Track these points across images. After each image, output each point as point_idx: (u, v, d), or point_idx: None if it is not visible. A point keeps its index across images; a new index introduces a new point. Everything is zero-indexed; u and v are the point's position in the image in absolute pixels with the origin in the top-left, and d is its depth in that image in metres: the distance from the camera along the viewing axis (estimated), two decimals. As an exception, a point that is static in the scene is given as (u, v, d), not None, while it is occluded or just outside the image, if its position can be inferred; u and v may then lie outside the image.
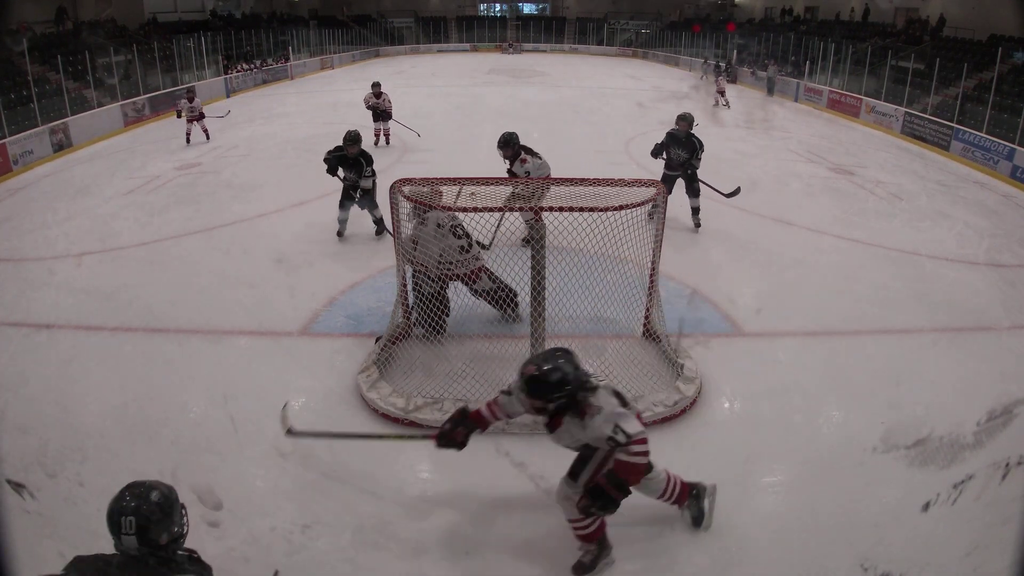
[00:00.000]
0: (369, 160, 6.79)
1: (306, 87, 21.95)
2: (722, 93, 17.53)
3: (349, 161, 6.76)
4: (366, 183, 6.73)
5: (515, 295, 4.68)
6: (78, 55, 14.44)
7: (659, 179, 6.21)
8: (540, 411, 2.80)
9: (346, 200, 6.88)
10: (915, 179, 10.70)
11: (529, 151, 6.37)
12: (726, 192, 7.25)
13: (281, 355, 4.92)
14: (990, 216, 8.84)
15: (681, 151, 7.06)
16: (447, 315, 4.75)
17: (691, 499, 3.28)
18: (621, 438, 2.65)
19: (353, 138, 6.73)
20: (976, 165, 11.88)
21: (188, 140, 12.22)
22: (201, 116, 12.33)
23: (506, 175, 6.20)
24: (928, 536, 3.26)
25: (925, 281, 6.37)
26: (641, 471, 2.79)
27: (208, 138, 12.44)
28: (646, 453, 2.73)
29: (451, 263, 4.63)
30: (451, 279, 4.78)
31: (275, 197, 8.74)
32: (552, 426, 2.86)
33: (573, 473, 2.98)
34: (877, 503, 3.48)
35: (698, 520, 3.28)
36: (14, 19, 14.95)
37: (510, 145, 6.35)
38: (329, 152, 6.87)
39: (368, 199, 6.87)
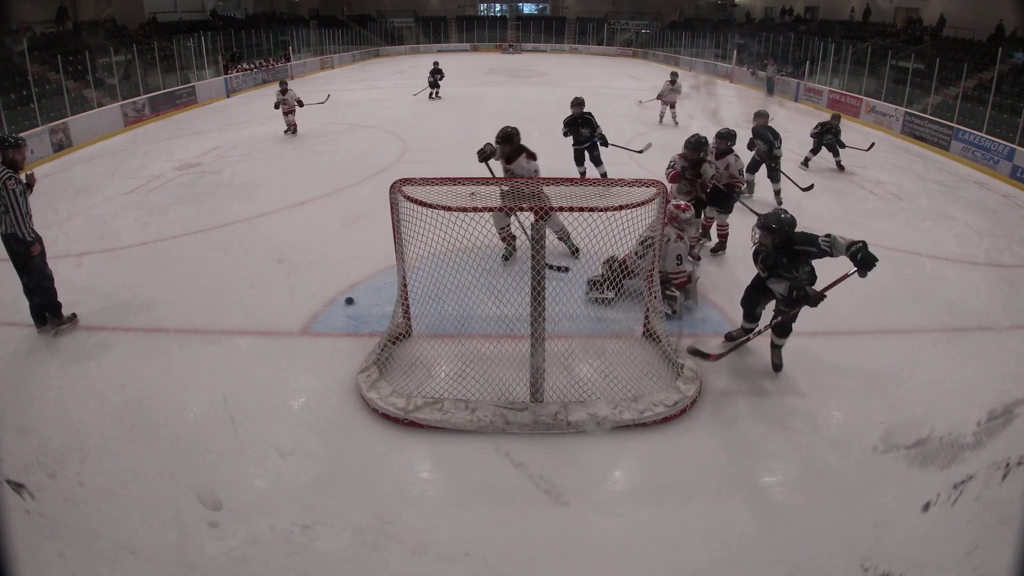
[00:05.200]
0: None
1: (306, 87, 21.94)
2: (671, 105, 14.15)
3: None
4: None
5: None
6: (78, 55, 14.43)
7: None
8: None
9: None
10: (915, 179, 10.70)
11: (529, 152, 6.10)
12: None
13: (281, 355, 4.92)
14: (990, 216, 8.84)
15: (762, 143, 8.33)
16: None
17: None
18: None
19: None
20: (976, 165, 11.87)
21: (294, 131, 12.45)
22: (300, 104, 12.49)
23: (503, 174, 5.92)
24: (928, 536, 3.26)
25: (925, 281, 6.36)
26: None
27: (294, 132, 12.62)
28: None
29: None
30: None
31: (275, 197, 8.74)
32: None
33: None
34: (877, 503, 3.49)
35: None
36: (14, 19, 14.95)
37: (511, 141, 5.83)
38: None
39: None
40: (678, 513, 3.45)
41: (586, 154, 8.76)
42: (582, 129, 8.54)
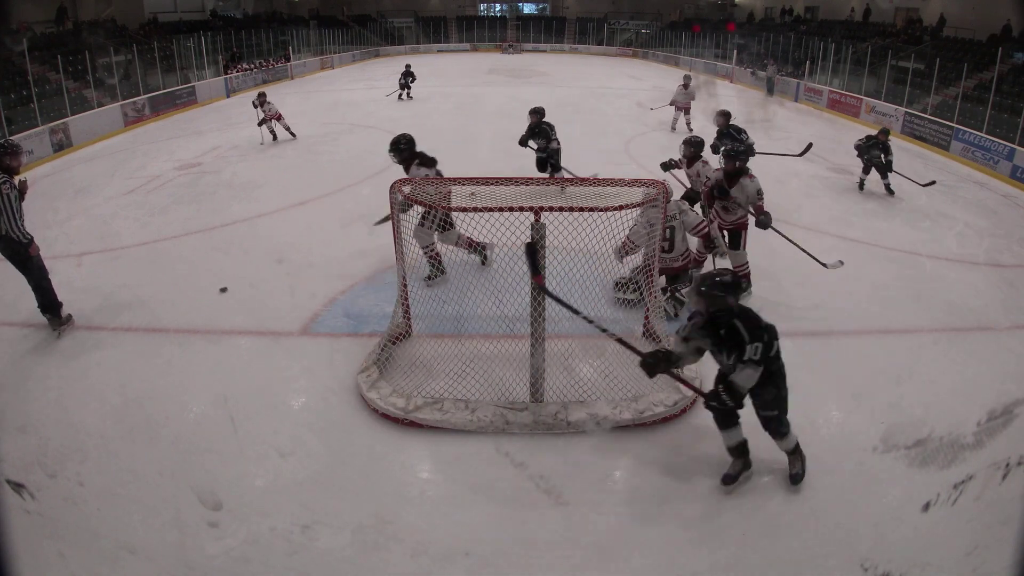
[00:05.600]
0: None
1: (306, 87, 21.94)
2: (686, 111, 13.29)
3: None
4: None
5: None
6: (78, 55, 14.43)
7: (660, 175, 6.25)
8: None
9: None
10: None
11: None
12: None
13: (281, 355, 4.92)
14: (990, 216, 8.84)
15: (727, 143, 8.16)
16: None
17: None
18: None
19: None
20: (976, 165, 11.87)
21: (274, 137, 12.30)
22: (278, 117, 12.28)
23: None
24: (928, 536, 3.26)
25: (925, 281, 6.36)
26: None
27: (293, 135, 12.46)
28: None
29: None
30: None
31: (275, 197, 8.75)
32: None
33: None
34: (877, 503, 3.49)
35: None
36: (14, 19, 14.95)
37: (396, 149, 5.65)
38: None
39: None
40: (678, 513, 3.45)
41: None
42: (537, 139, 8.38)
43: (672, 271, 5.56)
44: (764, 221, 5.72)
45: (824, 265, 5.97)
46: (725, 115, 8.28)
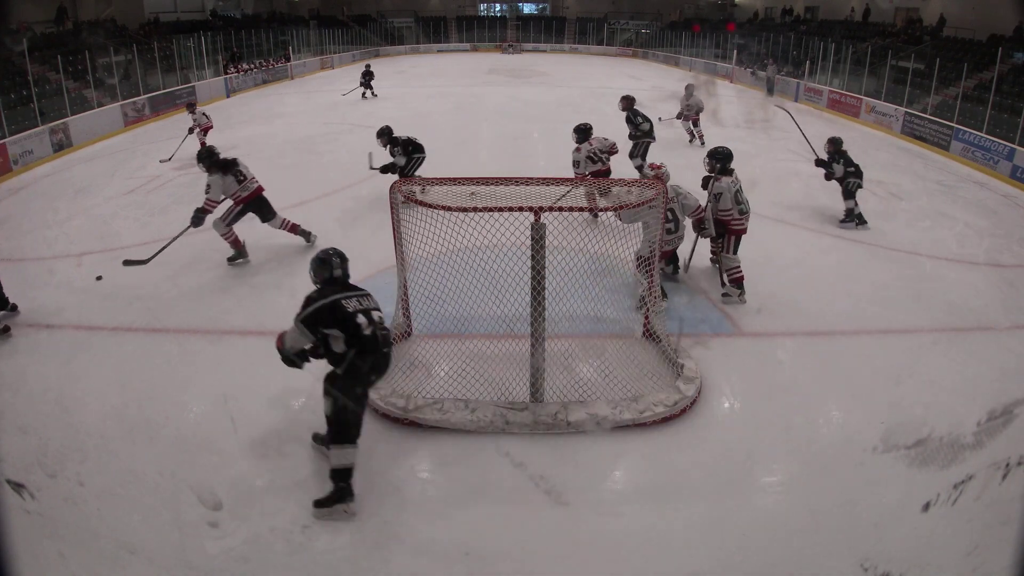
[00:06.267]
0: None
1: (306, 87, 21.95)
2: (695, 122, 12.27)
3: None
4: None
5: None
6: (78, 55, 14.43)
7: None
8: None
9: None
10: (915, 179, 10.69)
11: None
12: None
13: (281, 355, 4.91)
14: (990, 216, 8.84)
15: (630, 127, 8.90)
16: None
17: None
18: None
19: None
20: (976, 165, 11.87)
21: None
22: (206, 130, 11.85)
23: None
24: (928, 536, 3.26)
25: (925, 281, 6.36)
26: None
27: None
28: None
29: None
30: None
31: (275, 197, 8.71)
32: None
33: None
34: (877, 503, 3.48)
35: None
36: (14, 19, 14.95)
37: (200, 159, 6.30)
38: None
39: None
40: (678, 513, 3.45)
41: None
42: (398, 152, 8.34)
43: (670, 253, 5.89)
44: (702, 229, 5.85)
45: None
46: (628, 100, 8.91)
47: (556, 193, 4.31)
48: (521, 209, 3.82)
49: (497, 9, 39.50)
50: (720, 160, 5.70)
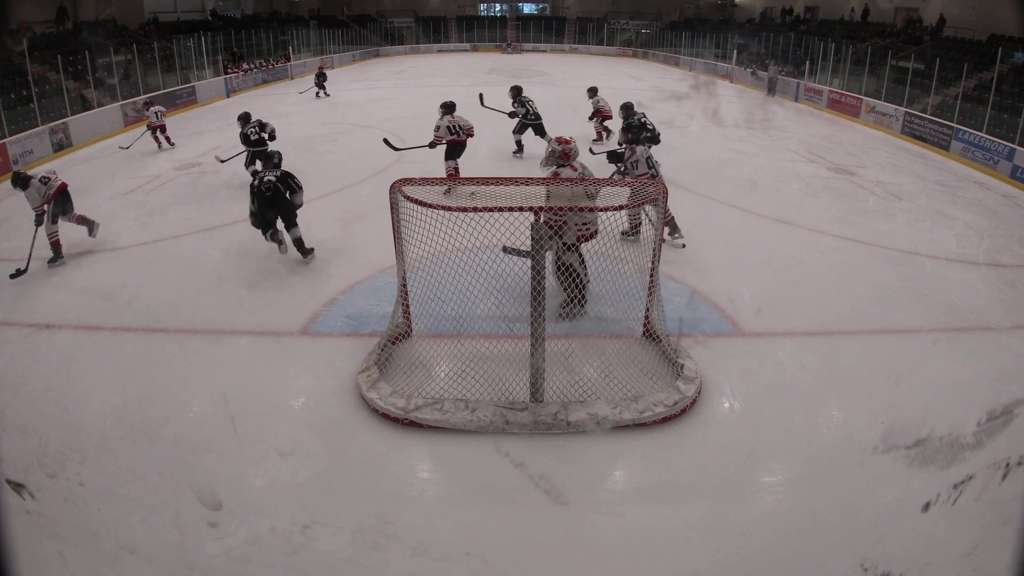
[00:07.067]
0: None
1: (306, 87, 21.94)
2: (604, 122, 11.55)
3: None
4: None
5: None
6: (78, 55, 14.43)
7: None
8: None
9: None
10: (915, 179, 10.69)
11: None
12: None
13: (281, 355, 4.92)
14: (990, 216, 8.84)
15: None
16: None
17: None
18: None
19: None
20: (976, 165, 11.87)
21: (167, 143, 12.22)
22: (161, 127, 12.18)
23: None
24: (928, 536, 3.26)
25: (925, 281, 6.37)
26: None
27: (172, 145, 12.34)
28: None
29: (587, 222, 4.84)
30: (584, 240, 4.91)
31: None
32: None
33: None
34: (877, 503, 3.49)
35: None
36: (14, 19, 14.94)
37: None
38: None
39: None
40: (678, 513, 3.45)
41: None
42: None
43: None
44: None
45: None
46: (515, 88, 10.22)
47: (556, 193, 4.31)
48: (521, 209, 3.83)
49: (497, 9, 39.49)
50: (633, 132, 6.84)
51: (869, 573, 3.05)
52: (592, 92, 11.55)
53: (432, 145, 8.34)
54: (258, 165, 8.35)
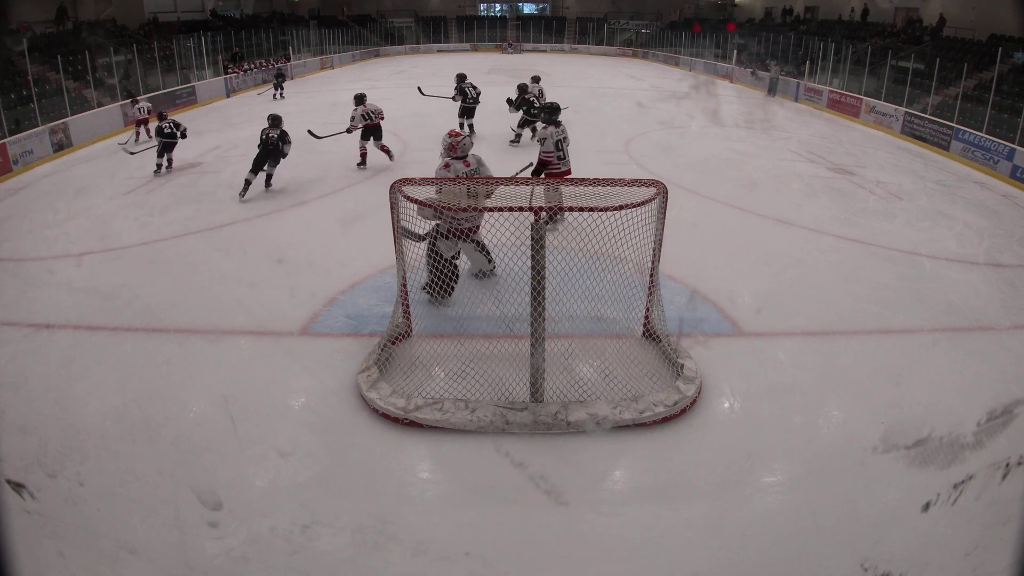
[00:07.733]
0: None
1: (306, 87, 21.94)
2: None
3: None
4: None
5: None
6: (78, 55, 14.43)
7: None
8: None
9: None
10: (915, 179, 10.70)
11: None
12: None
13: (281, 355, 4.92)
14: (990, 216, 8.84)
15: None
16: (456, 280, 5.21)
17: None
18: None
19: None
20: (976, 165, 11.87)
21: (146, 137, 12.23)
22: (144, 122, 12.25)
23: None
24: (928, 536, 3.26)
25: (925, 281, 6.37)
26: None
27: (150, 138, 12.27)
28: None
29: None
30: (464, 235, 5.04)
31: (275, 197, 8.74)
32: None
33: None
34: (877, 503, 3.49)
35: None
36: (14, 19, 14.94)
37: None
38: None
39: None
40: (678, 513, 3.45)
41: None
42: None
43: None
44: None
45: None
46: (460, 76, 11.95)
47: (556, 193, 4.31)
48: (521, 209, 3.83)
49: (497, 9, 39.49)
50: (548, 112, 7.26)
51: (869, 573, 3.05)
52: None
53: (349, 130, 9.84)
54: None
